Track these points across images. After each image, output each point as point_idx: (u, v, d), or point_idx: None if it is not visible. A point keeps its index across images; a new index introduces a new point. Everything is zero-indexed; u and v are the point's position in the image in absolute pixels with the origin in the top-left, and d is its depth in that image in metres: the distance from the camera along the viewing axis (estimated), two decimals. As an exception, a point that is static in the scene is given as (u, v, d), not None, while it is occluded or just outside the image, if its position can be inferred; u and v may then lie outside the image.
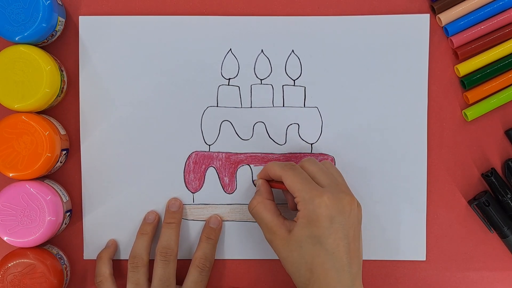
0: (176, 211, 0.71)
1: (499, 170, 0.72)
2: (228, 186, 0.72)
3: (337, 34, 0.72)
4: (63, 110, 0.72)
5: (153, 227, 0.71)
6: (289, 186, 0.65)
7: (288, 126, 0.72)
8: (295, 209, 0.66)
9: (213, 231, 0.71)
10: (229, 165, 0.72)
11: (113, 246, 0.72)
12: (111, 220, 0.72)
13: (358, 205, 0.66)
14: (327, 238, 0.62)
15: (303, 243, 0.63)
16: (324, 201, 0.63)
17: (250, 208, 0.68)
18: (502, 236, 0.72)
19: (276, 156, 0.72)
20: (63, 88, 0.69)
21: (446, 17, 0.70)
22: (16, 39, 0.66)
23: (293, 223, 0.65)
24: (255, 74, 0.72)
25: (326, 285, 0.62)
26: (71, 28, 0.72)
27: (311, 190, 0.64)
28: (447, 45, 0.72)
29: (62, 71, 0.69)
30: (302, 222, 0.63)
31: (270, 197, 0.68)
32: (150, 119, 0.72)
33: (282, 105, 0.72)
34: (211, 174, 0.72)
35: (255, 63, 0.72)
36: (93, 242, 0.72)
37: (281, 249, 0.65)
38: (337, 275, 0.62)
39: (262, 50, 0.72)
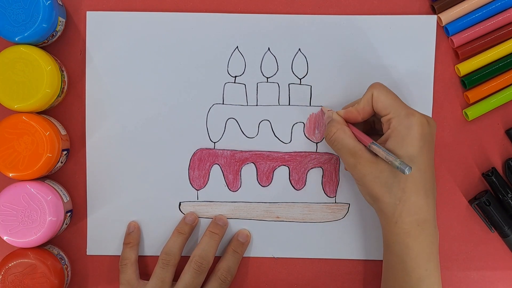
0: (223, 226, 0.71)
1: (499, 169, 0.72)
2: (233, 184, 0.72)
3: (344, 33, 0.72)
4: (63, 110, 0.72)
5: (191, 229, 0.71)
6: (382, 102, 0.64)
7: (294, 124, 0.72)
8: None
9: (241, 245, 0.71)
10: (234, 162, 0.72)
11: (137, 230, 0.72)
12: (116, 216, 0.72)
13: None
14: (420, 158, 0.62)
15: None
16: (420, 120, 0.63)
17: (328, 135, 0.67)
18: (503, 235, 0.72)
19: (281, 154, 0.72)
20: (63, 88, 0.69)
21: (446, 16, 0.71)
22: (16, 39, 0.66)
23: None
24: (262, 72, 0.72)
25: (416, 204, 0.63)
26: (72, 28, 0.72)
27: (405, 108, 0.63)
28: (448, 44, 0.72)
29: (62, 71, 0.69)
30: (396, 140, 0.63)
31: (346, 124, 0.67)
32: (156, 116, 0.72)
33: (288, 104, 0.72)
34: (215, 171, 0.72)
35: (261, 61, 0.72)
36: (96, 237, 0.72)
37: (368, 171, 0.64)
38: (425, 196, 0.63)
39: (268, 48, 0.72)
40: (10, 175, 0.67)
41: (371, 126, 0.70)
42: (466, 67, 0.71)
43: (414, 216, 0.63)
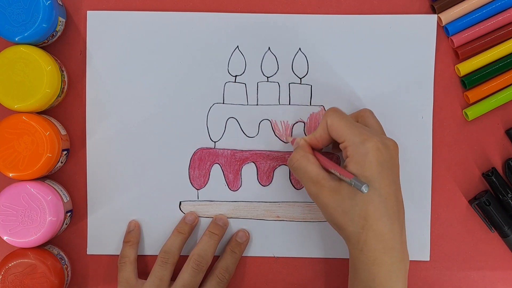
0: (223, 226, 0.71)
1: (499, 169, 0.72)
2: (233, 183, 0.72)
3: (344, 32, 0.72)
4: (63, 110, 0.72)
5: (191, 229, 0.71)
6: (336, 130, 0.64)
7: (294, 124, 0.72)
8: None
9: (238, 245, 0.71)
10: (234, 162, 0.72)
11: (137, 229, 0.72)
12: (116, 216, 0.72)
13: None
14: (380, 184, 0.61)
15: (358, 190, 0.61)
16: (375, 145, 0.61)
17: (292, 162, 0.66)
18: (503, 235, 0.72)
19: (281, 154, 0.72)
20: (63, 88, 0.69)
21: (446, 16, 0.71)
22: (16, 39, 0.66)
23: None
24: (262, 71, 0.72)
25: (379, 232, 0.61)
26: (72, 28, 0.72)
27: (360, 134, 0.62)
28: (448, 44, 0.72)
29: (62, 71, 0.69)
30: (354, 167, 0.62)
31: (311, 152, 0.66)
32: (156, 116, 0.72)
33: (288, 103, 0.72)
34: (216, 171, 0.72)
35: (262, 61, 0.72)
36: (97, 237, 0.72)
37: (330, 200, 0.63)
38: (389, 222, 0.62)
39: (269, 48, 0.72)
40: (10, 175, 0.67)
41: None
42: (466, 67, 0.71)
43: (379, 244, 0.62)
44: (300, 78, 0.72)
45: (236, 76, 0.72)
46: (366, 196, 0.61)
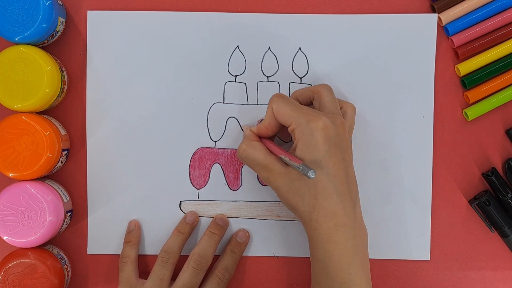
0: (223, 226, 0.71)
1: (499, 169, 0.72)
2: (233, 183, 0.72)
3: (344, 32, 0.72)
4: (63, 110, 0.72)
5: (191, 229, 0.71)
6: (282, 114, 0.64)
7: None
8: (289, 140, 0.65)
9: (238, 245, 0.72)
10: (234, 161, 0.72)
11: (138, 228, 0.72)
12: (116, 215, 0.72)
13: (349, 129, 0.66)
14: (327, 162, 0.62)
15: None
16: (321, 124, 0.62)
17: (239, 153, 0.66)
18: (503, 235, 0.72)
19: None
20: (63, 88, 0.69)
21: (446, 16, 0.71)
22: (16, 39, 0.66)
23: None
24: (262, 71, 0.72)
25: (330, 210, 0.62)
26: (72, 28, 0.72)
27: (306, 115, 0.63)
28: (448, 44, 0.72)
29: (62, 71, 0.69)
30: (301, 148, 0.63)
31: (256, 139, 0.67)
32: (156, 115, 0.72)
33: None
34: (216, 170, 0.72)
35: (262, 60, 0.72)
36: (97, 236, 0.72)
37: (280, 183, 0.64)
38: (340, 200, 0.62)
39: (269, 47, 0.72)
40: (10, 175, 0.67)
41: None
42: (466, 67, 0.71)
43: (331, 222, 0.62)
44: (300, 78, 0.72)
45: (236, 75, 0.72)
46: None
